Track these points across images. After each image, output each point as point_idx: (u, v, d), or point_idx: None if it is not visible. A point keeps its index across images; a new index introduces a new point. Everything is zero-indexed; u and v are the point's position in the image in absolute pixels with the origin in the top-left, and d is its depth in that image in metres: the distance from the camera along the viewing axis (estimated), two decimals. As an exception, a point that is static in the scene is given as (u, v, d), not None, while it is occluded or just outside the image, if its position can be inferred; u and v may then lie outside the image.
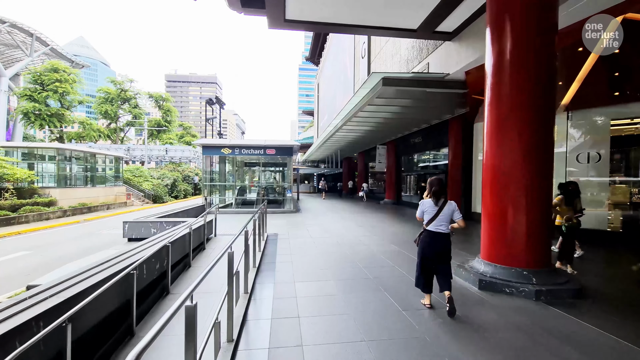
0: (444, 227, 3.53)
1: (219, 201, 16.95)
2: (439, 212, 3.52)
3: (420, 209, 3.67)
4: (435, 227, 3.54)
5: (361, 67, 16.33)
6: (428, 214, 3.60)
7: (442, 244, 3.55)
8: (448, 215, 3.52)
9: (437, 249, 3.55)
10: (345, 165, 32.58)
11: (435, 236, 3.55)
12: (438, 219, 3.53)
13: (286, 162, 15.66)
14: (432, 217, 3.55)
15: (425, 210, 3.63)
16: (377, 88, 8.46)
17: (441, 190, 3.58)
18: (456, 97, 9.53)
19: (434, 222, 3.54)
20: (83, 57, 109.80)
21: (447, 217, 3.52)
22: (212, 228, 8.23)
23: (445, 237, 3.55)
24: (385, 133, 16.62)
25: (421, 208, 3.66)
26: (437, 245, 3.55)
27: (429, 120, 13.01)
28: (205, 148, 13.43)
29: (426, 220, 3.62)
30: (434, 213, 3.55)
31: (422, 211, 3.66)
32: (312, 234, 8.44)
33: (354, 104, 10.66)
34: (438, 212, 3.53)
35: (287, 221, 11.14)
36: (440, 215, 3.52)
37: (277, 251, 6.51)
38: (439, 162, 14.62)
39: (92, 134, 47.07)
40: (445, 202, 3.56)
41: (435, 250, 3.56)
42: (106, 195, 20.81)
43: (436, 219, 3.53)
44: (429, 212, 3.59)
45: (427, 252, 3.59)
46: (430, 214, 3.58)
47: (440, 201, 3.57)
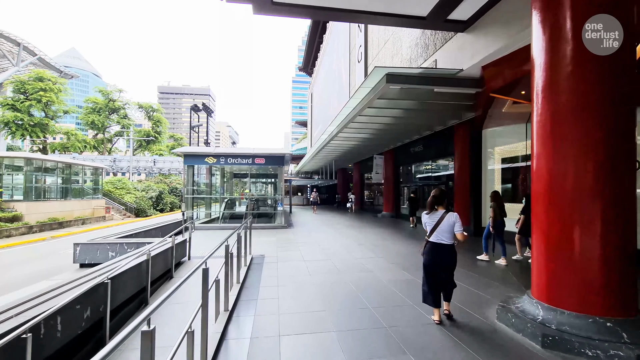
0: (446, 238, 3.49)
1: (204, 215, 15.57)
2: (439, 223, 3.51)
3: (422, 220, 3.71)
4: (437, 239, 3.52)
5: (357, 72, 15.41)
6: (429, 225, 3.60)
7: (445, 255, 3.52)
8: (449, 226, 3.48)
9: (440, 260, 3.53)
10: (340, 177, 31.45)
11: (438, 247, 3.52)
12: (438, 231, 3.51)
13: (277, 172, 14.41)
14: (433, 228, 3.55)
15: (426, 221, 3.65)
16: (379, 87, 7.39)
17: (435, 201, 3.59)
18: (467, 98, 8.51)
19: (435, 233, 3.53)
20: (74, 68, 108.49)
21: (448, 228, 3.48)
22: (185, 249, 6.89)
23: (448, 248, 3.51)
24: (383, 141, 15.59)
25: (423, 220, 3.71)
26: (440, 257, 3.52)
27: (433, 127, 12.00)
28: (188, 157, 12.16)
29: (428, 232, 3.61)
30: (433, 224, 3.55)
31: (424, 223, 3.69)
32: (305, 256, 7.15)
33: (352, 107, 9.59)
34: (438, 223, 3.51)
35: (277, 238, 9.83)
36: (441, 226, 3.49)
37: (261, 281, 5.20)
38: (442, 172, 13.56)
39: (77, 145, 45.36)
40: (446, 213, 3.53)
41: (438, 261, 3.54)
42: (82, 209, 19.20)
43: (436, 230, 3.52)
44: (429, 223, 3.60)
45: (430, 264, 3.58)
46: (430, 225, 3.58)
47: (436, 212, 3.58)
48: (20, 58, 47.39)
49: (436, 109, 9.36)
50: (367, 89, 7.96)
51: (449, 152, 12.48)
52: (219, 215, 15.68)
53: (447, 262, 3.53)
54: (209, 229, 12.23)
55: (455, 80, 7.34)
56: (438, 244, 3.52)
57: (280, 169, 13.43)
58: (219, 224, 12.73)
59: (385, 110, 9.73)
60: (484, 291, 4.65)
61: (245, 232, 6.48)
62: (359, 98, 8.68)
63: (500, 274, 5.52)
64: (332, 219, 16.38)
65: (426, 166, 14.99)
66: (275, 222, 13.61)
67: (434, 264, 3.55)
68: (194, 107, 18.30)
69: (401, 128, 12.32)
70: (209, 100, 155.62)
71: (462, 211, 10.99)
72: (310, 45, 33.18)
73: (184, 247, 6.78)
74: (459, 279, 4.47)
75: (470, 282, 5.05)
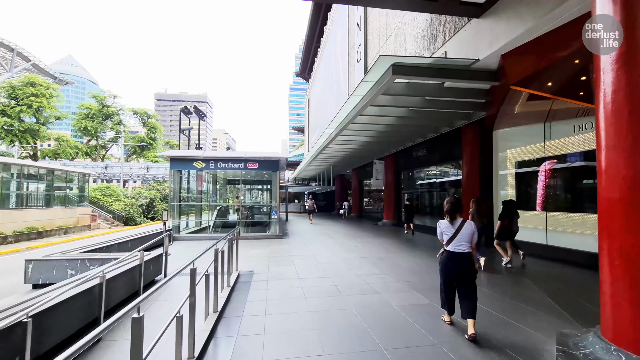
0: (464, 246, 3.44)
1: (194, 224, 14.57)
2: (458, 231, 3.46)
3: (439, 229, 3.64)
4: (455, 247, 3.46)
5: (356, 72, 14.67)
6: (447, 234, 3.54)
7: (463, 264, 3.44)
8: (468, 235, 3.45)
9: (458, 269, 3.45)
10: (337, 183, 30.58)
11: (456, 256, 3.46)
12: (457, 239, 3.45)
13: (272, 178, 13.48)
14: (451, 237, 3.48)
15: (443, 230, 3.58)
16: (383, 80, 6.56)
17: (454, 209, 3.52)
18: (479, 95, 7.71)
19: (453, 242, 3.47)
20: (70, 75, 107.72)
21: (467, 237, 3.44)
22: (160, 265, 5.93)
23: (466, 256, 3.45)
24: (384, 145, 14.77)
25: (439, 229, 3.64)
26: (458, 266, 3.45)
27: (439, 128, 11.19)
28: (174, 161, 11.23)
29: (445, 241, 3.55)
30: (452, 233, 3.48)
31: (440, 232, 3.62)
32: (300, 272, 6.20)
33: (352, 105, 8.76)
34: (457, 232, 3.46)
35: (270, 250, 8.87)
36: (459, 235, 3.45)
37: (245, 308, 4.25)
38: (447, 177, 12.72)
39: (68, 151, 44.29)
40: (464, 221, 3.49)
41: (456, 270, 3.46)
42: (66, 218, 18.12)
43: (455, 239, 3.46)
44: (447, 232, 3.53)
45: (448, 273, 3.52)
46: (448, 234, 3.51)
47: (456, 220, 3.51)
48: (13, 64, 46.59)
49: (444, 107, 8.55)
50: (369, 84, 7.14)
51: (455, 156, 11.66)
52: (211, 224, 14.71)
53: (465, 271, 3.42)
54: (197, 239, 11.24)
55: (469, 72, 6.53)
56: (456, 253, 3.45)
57: (274, 175, 12.53)
58: (208, 234, 11.73)
59: (388, 109, 8.92)
60: (510, 316, 3.78)
61: (231, 244, 5.55)
62: (360, 95, 7.85)
63: (515, 288, 4.62)
64: (331, 228, 15.43)
65: (430, 172, 14.15)
66: (269, 231, 12.65)
67: (452, 272, 3.48)
68: (184, 110, 17.40)
69: (404, 130, 11.51)
70: (206, 107, 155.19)
71: (473, 220, 10.12)
72: (308, 49, 32.66)
73: (158, 263, 5.81)
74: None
75: (488, 303, 4.16)
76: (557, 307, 4.10)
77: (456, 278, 3.47)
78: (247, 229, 13.94)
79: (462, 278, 3.43)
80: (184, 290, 2.94)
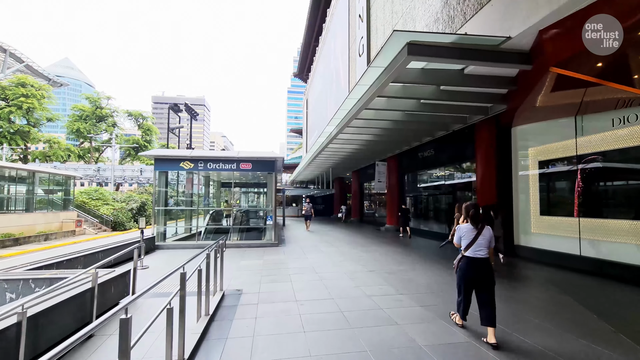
0: (482, 252, 3.40)
1: (183, 230, 13.48)
2: (477, 236, 3.42)
3: (458, 234, 3.58)
4: (474, 253, 3.41)
5: (358, 67, 13.72)
6: (466, 239, 3.48)
7: (483, 269, 3.38)
8: (487, 240, 3.43)
9: (477, 275, 3.39)
10: (336, 187, 29.58)
11: (475, 262, 3.40)
12: (477, 244, 3.41)
13: (267, 181, 12.43)
14: (470, 242, 3.43)
15: (463, 235, 3.52)
16: (395, 64, 5.58)
17: (478, 215, 3.52)
18: (503, 83, 6.73)
19: (472, 247, 3.42)
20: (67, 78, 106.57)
21: (486, 242, 3.42)
22: (127, 284, 4.86)
23: (484, 262, 3.40)
24: (388, 145, 13.82)
25: (458, 234, 3.57)
26: (477, 271, 3.39)
27: (450, 126, 10.23)
28: (159, 161, 10.17)
29: (464, 246, 3.50)
30: (472, 238, 3.43)
31: (459, 237, 3.56)
32: (298, 292, 5.15)
33: (356, 99, 7.78)
34: (476, 237, 3.42)
35: (264, 262, 7.81)
36: (479, 240, 3.41)
37: (224, 352, 3.20)
38: (457, 180, 11.73)
39: (59, 153, 43.08)
40: (484, 226, 3.47)
41: (476, 276, 3.39)
42: (47, 223, 16.96)
43: (474, 244, 3.41)
44: (467, 237, 3.48)
45: (468, 279, 3.44)
46: (468, 239, 3.46)
47: (478, 225, 3.48)
48: (6, 65, 45.47)
49: (461, 99, 7.59)
50: (377, 70, 6.16)
51: (467, 157, 10.70)
52: (202, 230, 13.64)
53: (485, 277, 3.38)
54: (184, 248, 10.15)
55: (497, 54, 5.55)
56: (475, 259, 3.41)
57: (270, 177, 11.49)
58: (196, 241, 10.63)
59: (396, 102, 7.97)
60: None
61: (215, 256, 4.51)
62: (367, 84, 6.87)
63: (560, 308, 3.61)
64: (330, 234, 14.37)
65: (437, 174, 13.18)
66: (265, 238, 11.60)
67: (471, 278, 3.43)
68: (174, 107, 16.30)
69: (412, 128, 10.56)
70: (204, 110, 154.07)
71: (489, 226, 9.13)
72: (306, 48, 31.80)
73: (124, 282, 4.75)
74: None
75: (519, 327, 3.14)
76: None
77: (476, 284, 3.42)
78: (241, 235, 12.88)
79: (482, 285, 3.38)
80: (147, 316, 1.91)
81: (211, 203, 19.24)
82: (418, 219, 14.48)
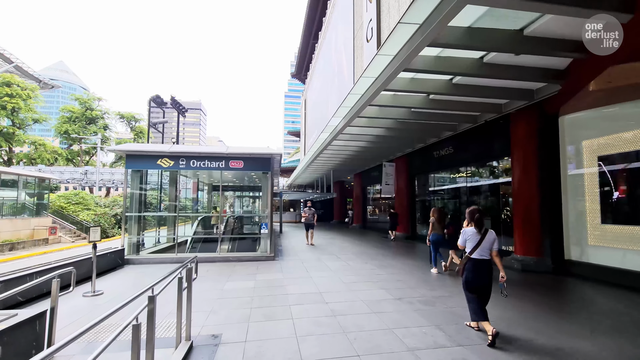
0: (486, 254, 3.60)
1: (165, 240, 11.71)
2: (482, 239, 3.60)
3: (463, 237, 3.74)
4: (480, 255, 3.60)
5: (365, 55, 12.05)
6: (471, 242, 3.65)
7: (488, 270, 3.61)
8: (490, 242, 3.60)
9: (483, 275, 3.59)
10: (336, 191, 27.91)
11: (481, 263, 3.59)
12: (481, 247, 3.58)
13: (262, 183, 10.72)
14: (476, 245, 3.61)
15: (468, 238, 3.68)
16: (440, 14, 4.01)
17: (483, 219, 3.68)
18: (570, 47, 5.10)
19: (478, 250, 3.59)
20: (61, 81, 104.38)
21: (489, 245, 3.60)
22: (38, 335, 3.14)
23: (489, 263, 3.62)
24: (399, 142, 12.25)
25: (463, 237, 3.74)
26: (483, 272, 3.59)
27: (478, 117, 8.68)
28: (132, 158, 8.48)
29: (469, 249, 3.66)
30: (476, 241, 3.61)
31: (464, 239, 3.73)
32: (304, 343, 3.46)
33: (374, 76, 6.23)
34: (481, 240, 3.60)
35: (255, 283, 6.10)
36: (483, 243, 3.59)
37: None
38: (484, 181, 10.15)
39: (45, 156, 41.14)
40: (487, 230, 3.64)
41: (482, 276, 3.59)
42: (15, 230, 15.10)
43: (479, 247, 3.59)
44: (472, 239, 3.64)
45: (475, 280, 3.61)
46: (473, 242, 3.63)
47: (482, 229, 3.64)
48: (-6, 65, 43.66)
49: (504, 75, 6.00)
50: (409, 29, 4.60)
51: (498, 154, 9.13)
52: (188, 239, 11.90)
53: (489, 278, 3.59)
54: (161, 262, 8.40)
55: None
56: (481, 260, 3.59)
57: (266, 178, 9.81)
58: (176, 255, 8.85)
59: (419, 82, 6.43)
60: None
61: (178, 287, 2.83)
62: (391, 54, 5.31)
63: None
64: (334, 243, 12.67)
65: (457, 175, 11.59)
66: (259, 248, 9.88)
67: (478, 279, 3.59)
68: (156, 99, 14.60)
69: (431, 121, 9.02)
70: (200, 114, 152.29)
71: (528, 237, 7.53)
72: (304, 47, 30.33)
73: (33, 332, 3.02)
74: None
75: None
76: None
77: (482, 284, 3.60)
78: (232, 245, 11.17)
79: (487, 287, 3.61)
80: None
81: (199, 209, 17.50)
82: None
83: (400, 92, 7.13)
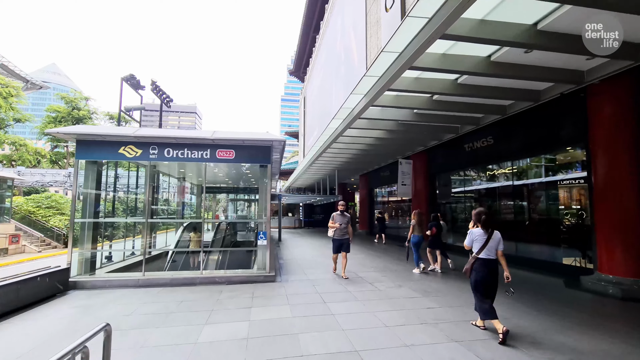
0: (493, 254, 3.69)
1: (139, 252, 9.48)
2: (488, 240, 3.67)
3: (470, 238, 3.84)
4: (487, 255, 3.68)
5: (383, 30, 10.16)
6: (478, 242, 3.73)
7: (494, 270, 3.67)
8: (496, 242, 3.69)
9: (490, 274, 3.65)
10: (340, 194, 25.82)
11: (488, 263, 3.67)
12: (488, 247, 3.67)
13: (259, 181, 8.51)
14: (483, 245, 3.68)
15: (475, 239, 3.77)
16: None
17: (490, 220, 3.75)
18: None
19: (485, 250, 3.67)
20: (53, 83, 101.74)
21: (495, 245, 3.69)
22: None
23: (495, 262, 3.69)
24: (424, 133, 10.21)
25: (470, 237, 3.83)
26: (490, 272, 3.66)
27: (539, 95, 6.66)
28: (85, 145, 6.30)
29: (476, 249, 3.74)
30: (483, 241, 3.69)
31: (471, 240, 3.82)
32: None
33: (399, 50, 4.18)
34: (487, 240, 3.67)
35: (247, 332, 3.93)
36: (490, 243, 3.67)
37: None
38: (541, 178, 8.12)
39: (26, 157, 38.61)
40: (493, 230, 3.72)
41: (490, 275, 3.65)
42: (-35, 240, 12.76)
43: (486, 247, 3.67)
44: (479, 240, 3.73)
45: (483, 279, 3.66)
46: (480, 242, 3.71)
47: (489, 230, 3.72)
48: (-24, 64, 41.23)
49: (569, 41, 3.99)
50: None
51: (564, 141, 7.08)
52: (169, 251, 9.77)
53: (496, 277, 3.68)
54: (123, 287, 6.16)
55: None
56: (488, 260, 3.67)
57: (262, 175, 7.65)
58: (142, 275, 6.62)
59: (451, 58, 4.42)
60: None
61: None
62: (427, 16, 3.28)
63: None
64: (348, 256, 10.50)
65: (497, 171, 9.55)
66: (254, 264, 7.72)
67: (486, 278, 3.65)
68: (129, 79, 12.42)
69: (469, 103, 7.02)
70: (195, 118, 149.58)
71: (621, 250, 5.48)
72: (304, 41, 28.40)
73: None
74: None
75: None
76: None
77: (489, 283, 3.66)
78: (221, 258, 9.02)
79: (494, 286, 3.69)
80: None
81: (187, 214, 15.28)
82: (458, 237, 10.80)
83: (429, 72, 5.09)
